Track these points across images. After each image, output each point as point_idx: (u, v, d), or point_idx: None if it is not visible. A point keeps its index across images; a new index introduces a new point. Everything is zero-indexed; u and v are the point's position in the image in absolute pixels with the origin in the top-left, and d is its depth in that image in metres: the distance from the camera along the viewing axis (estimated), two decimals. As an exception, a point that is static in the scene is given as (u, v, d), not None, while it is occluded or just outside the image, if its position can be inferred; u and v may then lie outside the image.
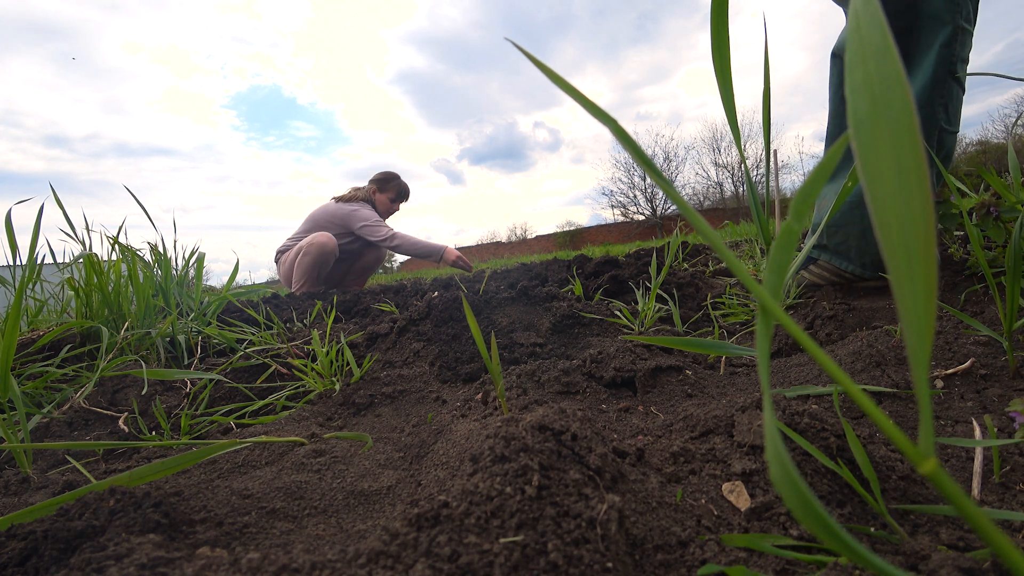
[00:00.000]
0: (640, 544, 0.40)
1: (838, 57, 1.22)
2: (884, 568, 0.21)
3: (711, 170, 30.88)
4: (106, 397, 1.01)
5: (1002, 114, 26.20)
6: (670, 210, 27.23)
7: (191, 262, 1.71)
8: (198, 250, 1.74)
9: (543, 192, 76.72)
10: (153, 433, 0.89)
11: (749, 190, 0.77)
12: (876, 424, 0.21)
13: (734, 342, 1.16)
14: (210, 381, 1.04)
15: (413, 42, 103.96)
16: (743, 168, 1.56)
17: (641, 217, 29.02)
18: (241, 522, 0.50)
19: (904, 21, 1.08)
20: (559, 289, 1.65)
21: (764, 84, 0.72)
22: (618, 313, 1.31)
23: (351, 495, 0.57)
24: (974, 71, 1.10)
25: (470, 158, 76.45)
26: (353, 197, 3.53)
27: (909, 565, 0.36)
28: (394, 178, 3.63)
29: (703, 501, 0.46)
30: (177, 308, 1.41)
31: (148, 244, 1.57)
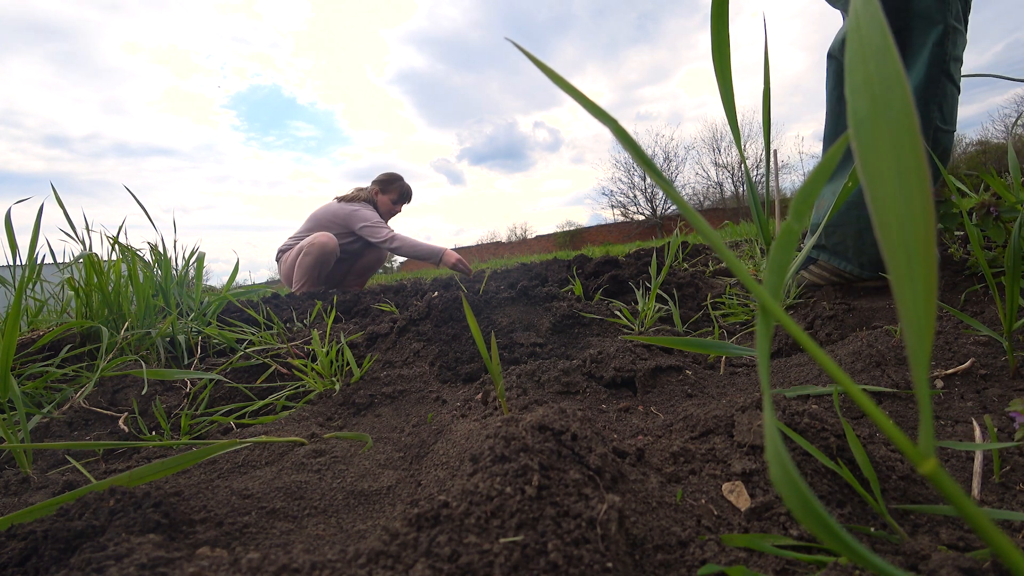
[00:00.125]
0: (640, 544, 0.40)
1: (834, 58, 1.22)
2: (884, 568, 0.21)
3: (711, 170, 30.88)
4: (106, 397, 1.01)
5: (1002, 114, 26.22)
6: (670, 210, 27.21)
7: (191, 262, 1.72)
8: (198, 250, 1.74)
9: (543, 192, 76.74)
10: (153, 433, 0.89)
11: (749, 190, 0.77)
12: (876, 424, 0.21)
13: (734, 342, 1.16)
14: (210, 381, 1.04)
15: (413, 42, 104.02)
16: (743, 168, 1.56)
17: (641, 217, 29.00)
18: (241, 522, 0.50)
19: (898, 21, 1.08)
20: (559, 289, 1.65)
21: (764, 84, 0.72)
22: (618, 313, 1.31)
23: (351, 495, 0.57)
24: (975, 72, 1.10)
25: (470, 158, 76.47)
26: (355, 197, 3.53)
27: (909, 565, 0.36)
28: (397, 180, 3.63)
29: (703, 501, 0.46)
30: (177, 308, 1.41)
31: (148, 244, 1.57)
